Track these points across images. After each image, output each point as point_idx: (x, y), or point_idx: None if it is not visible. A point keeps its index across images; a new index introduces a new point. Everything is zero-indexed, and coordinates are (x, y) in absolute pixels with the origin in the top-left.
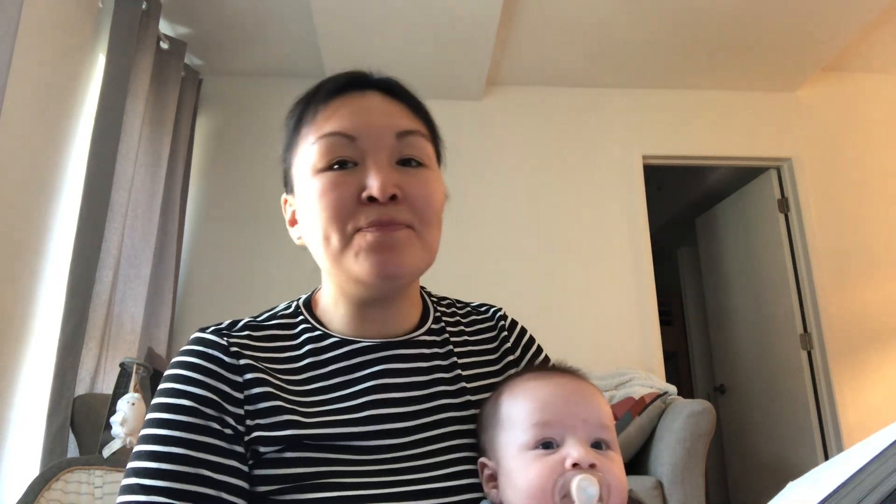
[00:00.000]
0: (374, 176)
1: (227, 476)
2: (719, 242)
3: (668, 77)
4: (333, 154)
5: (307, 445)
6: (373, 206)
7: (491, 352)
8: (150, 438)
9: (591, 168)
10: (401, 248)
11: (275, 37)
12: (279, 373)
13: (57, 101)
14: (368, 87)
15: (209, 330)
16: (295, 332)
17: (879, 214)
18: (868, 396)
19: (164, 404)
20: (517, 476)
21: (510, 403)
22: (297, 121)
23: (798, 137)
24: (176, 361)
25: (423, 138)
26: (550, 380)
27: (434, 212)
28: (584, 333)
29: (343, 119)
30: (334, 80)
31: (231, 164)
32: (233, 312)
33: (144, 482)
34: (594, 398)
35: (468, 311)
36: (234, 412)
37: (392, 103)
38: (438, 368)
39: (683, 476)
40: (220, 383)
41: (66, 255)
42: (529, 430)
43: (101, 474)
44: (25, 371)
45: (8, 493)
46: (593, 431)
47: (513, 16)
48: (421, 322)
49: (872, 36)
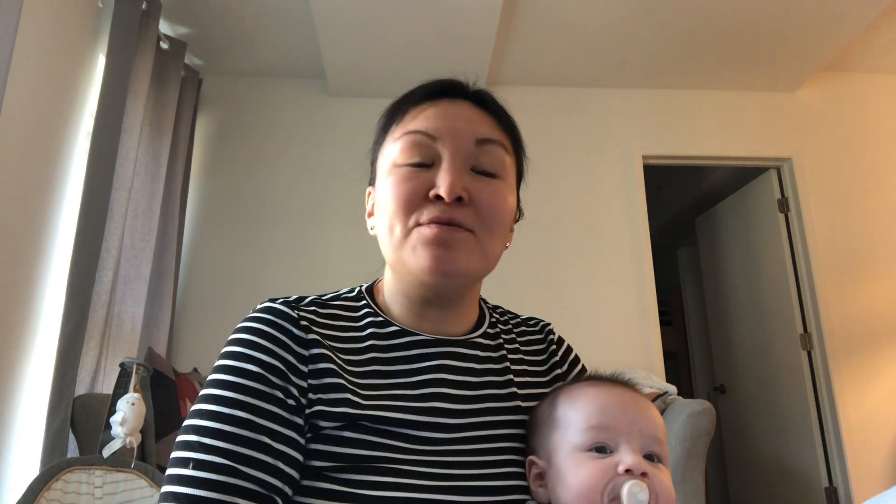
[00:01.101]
0: (445, 176)
1: (286, 446)
2: (719, 242)
3: (668, 77)
4: (413, 151)
5: (363, 427)
6: (438, 203)
7: (540, 363)
8: (214, 399)
9: (591, 168)
10: (456, 247)
11: (275, 37)
12: (341, 352)
13: (57, 101)
14: (461, 97)
15: (279, 301)
16: (358, 315)
17: (879, 214)
18: (868, 396)
19: (230, 367)
20: (569, 475)
21: (567, 405)
22: (388, 119)
23: (798, 137)
24: (245, 326)
25: (503, 149)
26: (610, 388)
27: (498, 221)
28: (584, 333)
29: (428, 120)
30: (430, 84)
31: (231, 164)
32: (233, 312)
33: (205, 440)
34: (650, 411)
35: (519, 321)
36: (298, 384)
37: (479, 113)
38: (491, 371)
39: (683, 476)
40: (288, 354)
41: (66, 255)
42: (586, 432)
43: (101, 474)
44: (25, 371)
45: (8, 493)
46: (647, 443)
47: (513, 16)
48: (477, 326)
49: (872, 36)
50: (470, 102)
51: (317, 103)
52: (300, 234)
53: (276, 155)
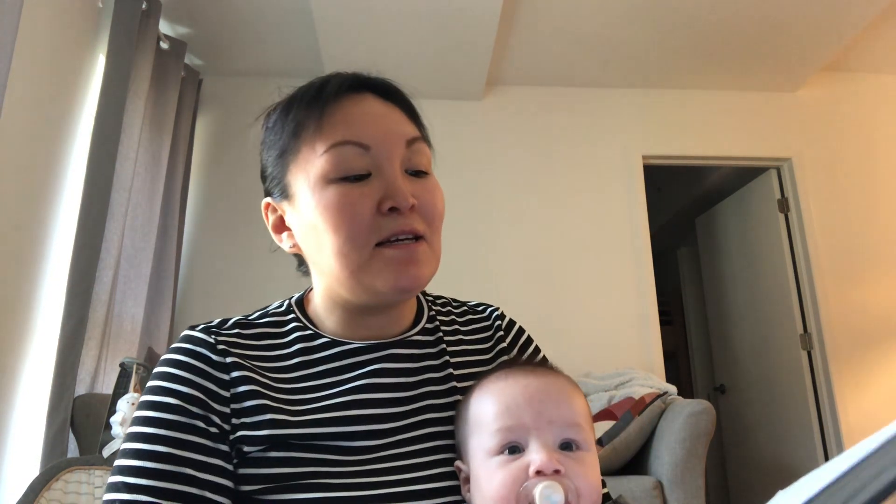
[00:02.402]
0: (394, 187)
1: (212, 475)
2: (719, 242)
3: (668, 77)
4: (348, 164)
5: (292, 445)
6: (393, 216)
7: (485, 351)
8: (136, 437)
9: (591, 168)
10: (421, 262)
11: (275, 37)
12: (267, 371)
13: (57, 101)
14: (365, 90)
15: (199, 328)
16: (285, 331)
17: (880, 214)
18: (868, 396)
19: (150, 402)
20: (483, 483)
21: (477, 405)
22: (294, 124)
23: (798, 137)
24: (164, 359)
25: (425, 143)
26: (516, 380)
27: (441, 219)
28: (584, 333)
29: (353, 127)
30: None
31: (231, 164)
32: (233, 312)
33: (129, 480)
34: (562, 396)
35: (465, 310)
36: (219, 410)
37: (392, 108)
38: (428, 369)
39: (683, 476)
40: (207, 381)
41: (66, 255)
42: (494, 435)
43: (101, 474)
44: (25, 371)
45: (8, 493)
46: (560, 432)
47: (513, 16)
48: (415, 322)
49: (872, 36)
50: (375, 95)
51: None
52: None
53: None
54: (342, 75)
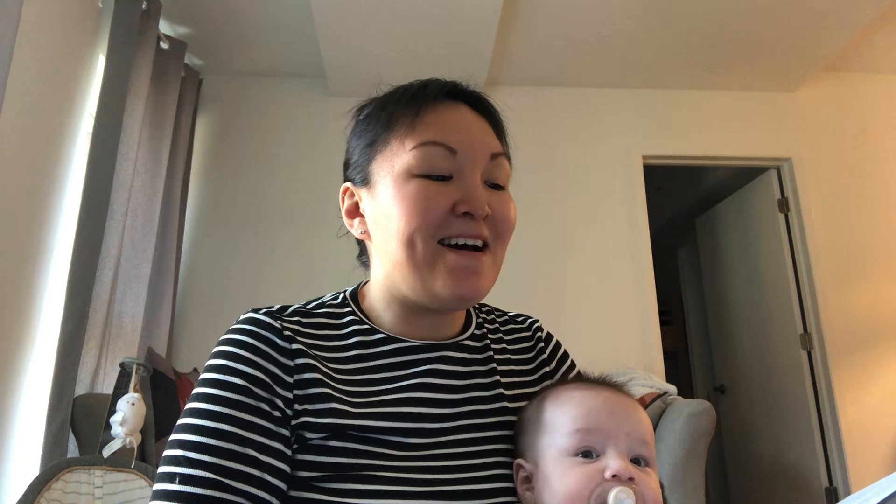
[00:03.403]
0: (473, 193)
1: (272, 458)
2: (719, 242)
3: (668, 77)
4: (434, 163)
5: (351, 436)
6: (465, 219)
7: (528, 361)
8: (200, 413)
9: (591, 168)
10: (481, 275)
11: (275, 37)
12: (328, 361)
13: (57, 101)
14: (461, 98)
15: (262, 311)
16: (342, 323)
17: (879, 214)
18: (868, 396)
19: (215, 380)
20: (555, 480)
21: (554, 408)
22: (388, 118)
23: (798, 137)
24: (229, 339)
25: (508, 161)
26: (597, 390)
27: (510, 232)
28: (584, 333)
29: (445, 131)
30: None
31: (231, 164)
32: (232, 312)
33: (191, 455)
34: (637, 414)
35: (506, 319)
36: (283, 395)
37: (483, 121)
38: (477, 374)
39: (683, 476)
40: (273, 365)
41: (66, 255)
42: (572, 435)
43: (101, 474)
44: (25, 371)
45: (8, 493)
46: (634, 446)
47: (513, 16)
48: (465, 327)
49: (872, 36)
50: (468, 106)
51: (317, 103)
52: (300, 233)
53: (276, 155)
54: (441, 81)
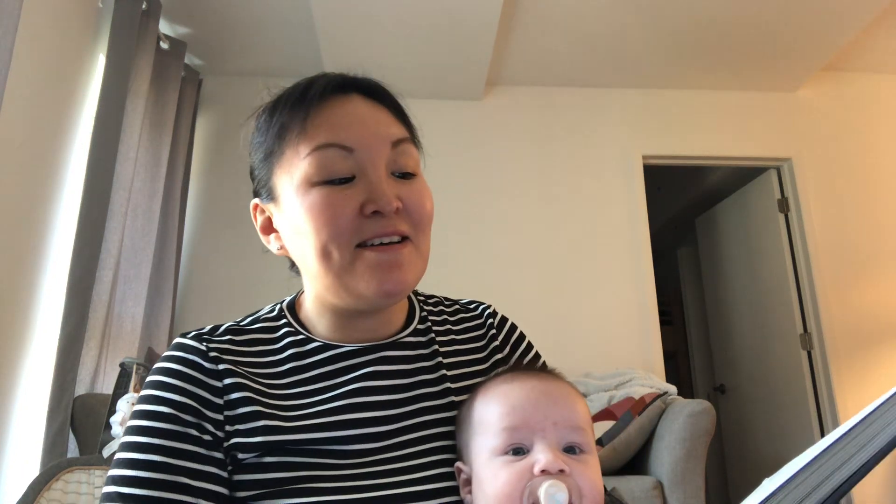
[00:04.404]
0: (378, 190)
1: (206, 483)
2: (719, 242)
3: (668, 77)
4: (331, 167)
5: (287, 450)
6: (376, 218)
7: (478, 350)
8: (130, 446)
9: (591, 168)
10: (405, 266)
11: (275, 37)
12: (260, 377)
13: (57, 101)
14: (351, 90)
15: (190, 335)
16: (277, 336)
17: (879, 214)
18: (868, 396)
19: (143, 411)
20: (486, 483)
21: (483, 406)
22: (279, 126)
23: (798, 137)
24: (157, 368)
25: (412, 144)
26: (522, 382)
27: (429, 220)
28: (585, 333)
29: (337, 129)
30: (316, 83)
31: (231, 164)
32: (232, 312)
33: (123, 490)
34: (567, 400)
35: (456, 308)
36: (213, 418)
37: (379, 109)
38: (422, 370)
39: (683, 476)
40: (200, 389)
41: (66, 255)
42: (499, 434)
43: (100, 474)
44: (25, 371)
45: (8, 493)
46: (565, 435)
47: (513, 16)
48: (406, 323)
49: (872, 36)
50: (362, 95)
51: None
52: None
53: None
54: (328, 76)
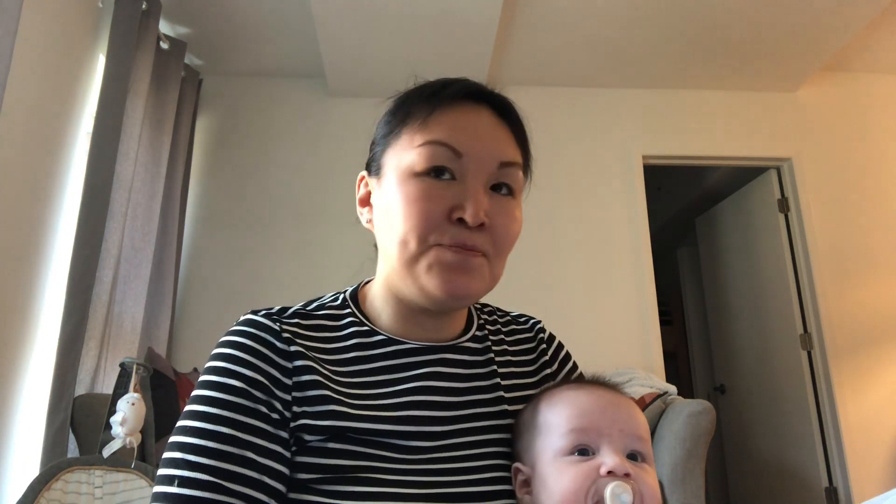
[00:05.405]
0: (471, 201)
1: (271, 460)
2: (719, 242)
3: (668, 77)
4: (436, 162)
5: (350, 438)
6: (459, 227)
7: (529, 363)
8: (198, 415)
9: (591, 168)
10: (473, 274)
11: (275, 37)
12: (327, 363)
13: (57, 101)
14: (483, 101)
15: (261, 313)
16: (341, 324)
17: (880, 214)
18: (868, 396)
19: (213, 382)
20: (551, 481)
21: (548, 410)
22: (406, 112)
23: (798, 137)
24: (227, 341)
25: (520, 170)
26: (590, 389)
27: (511, 244)
28: (584, 333)
29: (454, 132)
30: (453, 85)
31: (231, 164)
32: (233, 312)
33: (189, 458)
34: (631, 410)
35: (508, 320)
36: (282, 397)
37: (501, 127)
38: (477, 376)
39: (683, 476)
40: (271, 367)
41: (66, 255)
42: (566, 435)
43: (101, 474)
44: (25, 371)
45: (8, 493)
46: (629, 442)
47: (513, 16)
48: (466, 329)
49: (872, 36)
50: (491, 110)
51: (317, 103)
52: (300, 233)
53: (276, 155)
54: (466, 82)
